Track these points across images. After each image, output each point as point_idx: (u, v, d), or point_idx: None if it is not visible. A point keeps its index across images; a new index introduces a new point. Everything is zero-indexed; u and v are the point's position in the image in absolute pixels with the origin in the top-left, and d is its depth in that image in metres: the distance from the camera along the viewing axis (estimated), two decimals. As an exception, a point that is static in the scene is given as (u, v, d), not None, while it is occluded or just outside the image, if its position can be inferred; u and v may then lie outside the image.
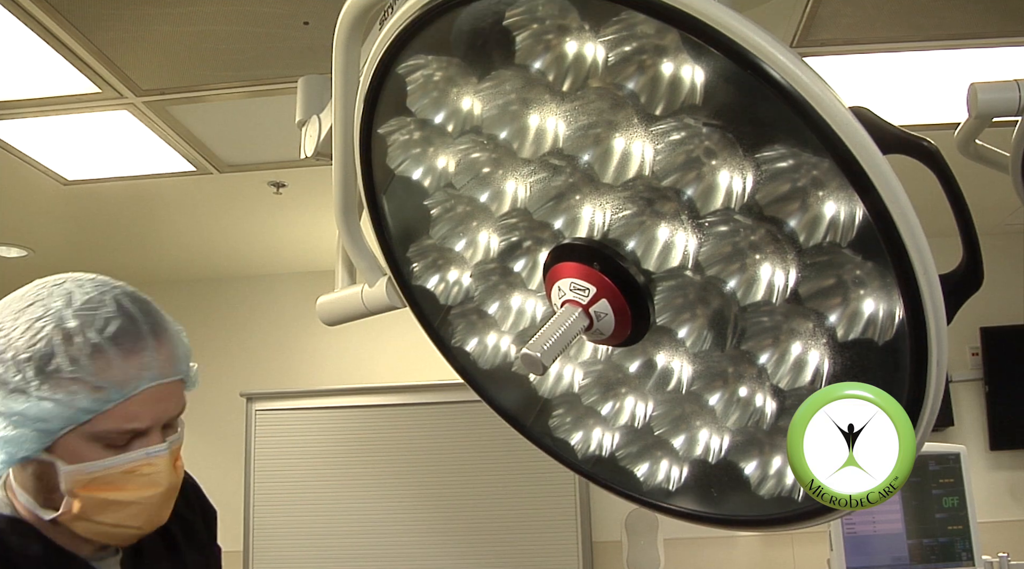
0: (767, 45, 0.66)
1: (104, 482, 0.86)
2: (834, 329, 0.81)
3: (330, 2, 0.93)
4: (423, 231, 1.10)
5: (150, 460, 0.89)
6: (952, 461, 2.53)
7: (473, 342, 1.16)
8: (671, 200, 0.87)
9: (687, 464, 1.04)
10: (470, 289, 1.11)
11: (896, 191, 0.66)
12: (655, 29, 0.75)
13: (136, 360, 0.88)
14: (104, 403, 0.85)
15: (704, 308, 0.92)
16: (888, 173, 0.66)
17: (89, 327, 0.87)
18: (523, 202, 0.98)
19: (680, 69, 0.77)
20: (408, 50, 0.89)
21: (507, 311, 1.11)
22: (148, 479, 0.89)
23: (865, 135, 0.66)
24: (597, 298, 0.90)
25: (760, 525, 0.96)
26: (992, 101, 1.25)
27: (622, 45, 0.79)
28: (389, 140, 1.02)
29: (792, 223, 0.78)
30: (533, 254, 1.05)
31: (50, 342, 0.85)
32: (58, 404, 0.84)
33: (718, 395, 0.97)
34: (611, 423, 1.08)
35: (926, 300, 0.69)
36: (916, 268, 0.68)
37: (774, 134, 0.75)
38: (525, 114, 0.92)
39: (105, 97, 2.51)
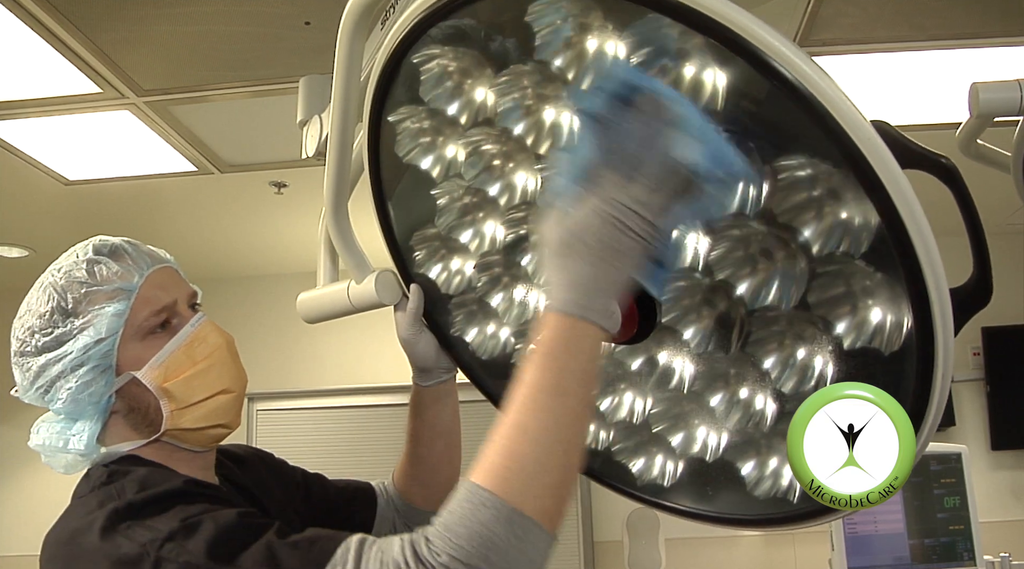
0: (792, 55, 0.66)
1: (176, 365, 0.96)
2: (841, 337, 0.81)
3: (332, 2, 0.93)
4: (428, 220, 1.10)
5: (197, 330, 0.99)
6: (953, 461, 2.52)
7: (473, 332, 1.16)
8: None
9: (683, 461, 1.04)
10: (472, 279, 1.11)
11: (913, 206, 0.67)
12: (679, 32, 0.74)
13: (125, 259, 0.99)
14: (125, 299, 0.95)
15: (711, 310, 0.92)
16: (906, 188, 0.66)
17: (74, 261, 0.98)
18: (533, 196, 0.98)
19: (702, 74, 0.76)
20: (425, 39, 0.89)
21: (510, 303, 1.11)
22: (208, 343, 0.99)
23: (885, 149, 0.66)
24: (604, 297, 0.89)
25: (754, 525, 0.96)
26: (993, 101, 1.25)
27: (644, 46, 0.78)
28: (399, 128, 1.02)
29: (806, 232, 0.78)
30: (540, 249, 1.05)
31: (55, 288, 0.96)
32: (95, 323, 0.94)
33: (719, 396, 0.97)
34: (609, 418, 1.08)
35: (936, 314, 0.70)
36: (928, 283, 0.69)
37: (793, 143, 0.75)
38: (541, 110, 0.92)
39: (106, 97, 2.51)
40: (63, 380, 0.94)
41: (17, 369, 0.97)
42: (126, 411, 0.97)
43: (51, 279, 0.97)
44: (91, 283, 0.95)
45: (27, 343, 0.95)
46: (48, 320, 0.95)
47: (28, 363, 0.95)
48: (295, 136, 1.38)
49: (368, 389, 4.25)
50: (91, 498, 0.89)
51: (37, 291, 0.98)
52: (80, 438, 0.95)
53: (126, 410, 0.97)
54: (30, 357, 0.95)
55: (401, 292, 1.14)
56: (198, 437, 0.99)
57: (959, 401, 4.12)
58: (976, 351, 4.13)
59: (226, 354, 1.01)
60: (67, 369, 0.93)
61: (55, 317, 0.95)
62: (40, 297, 0.96)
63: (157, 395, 0.96)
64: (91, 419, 0.95)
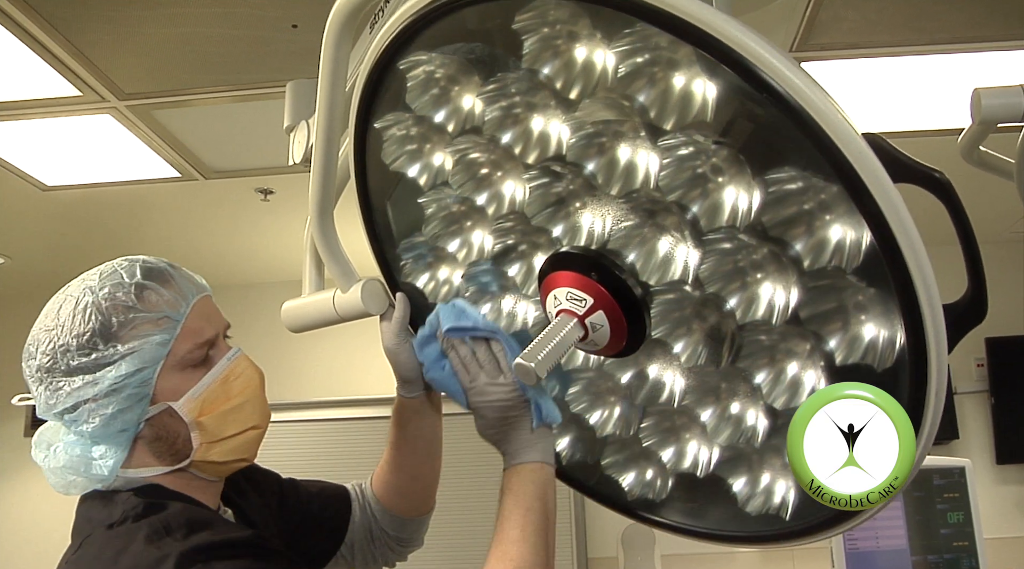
0: (782, 67, 0.67)
1: (212, 399, 0.98)
2: (833, 353, 0.82)
3: (320, 5, 0.93)
4: (415, 228, 1.10)
5: (234, 364, 1.01)
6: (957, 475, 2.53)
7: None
8: (674, 214, 0.87)
9: (674, 477, 1.05)
10: (460, 289, 1.11)
11: (905, 221, 0.67)
12: (668, 42, 0.75)
13: (173, 286, 0.99)
14: (171, 329, 0.96)
15: (701, 324, 0.93)
16: (898, 202, 0.67)
17: (119, 283, 0.97)
18: (521, 206, 0.99)
19: (692, 84, 0.77)
20: (411, 45, 0.89)
21: (498, 314, 1.11)
22: (243, 379, 1.02)
23: (877, 163, 0.67)
24: (593, 309, 0.90)
25: (747, 542, 0.97)
26: (996, 106, 1.26)
27: (634, 56, 0.79)
28: (385, 135, 1.02)
29: (797, 246, 0.79)
30: (528, 259, 1.05)
31: (98, 309, 0.94)
32: (139, 351, 0.94)
33: (710, 411, 0.98)
34: (598, 432, 1.08)
35: (928, 331, 0.71)
36: (921, 300, 0.69)
37: (784, 156, 0.76)
38: (529, 118, 0.92)
39: (86, 100, 2.51)
40: (95, 404, 0.93)
41: (39, 385, 0.96)
42: (151, 438, 0.97)
43: (91, 298, 0.95)
44: (139, 308, 0.95)
45: (58, 361, 0.94)
46: (87, 342, 0.94)
47: (58, 383, 0.94)
48: (282, 142, 1.38)
49: (355, 401, 4.23)
50: (133, 531, 0.89)
51: (71, 307, 0.96)
52: (104, 463, 0.95)
53: (152, 437, 0.97)
54: (60, 376, 0.94)
55: (388, 301, 1.14)
56: (219, 469, 1.01)
57: (963, 413, 4.13)
58: (980, 362, 4.14)
59: (259, 390, 1.04)
60: (101, 394, 0.93)
61: (95, 340, 0.94)
62: (78, 315, 0.95)
63: (190, 427, 0.97)
64: (117, 445, 0.95)
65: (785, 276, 0.82)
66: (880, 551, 2.48)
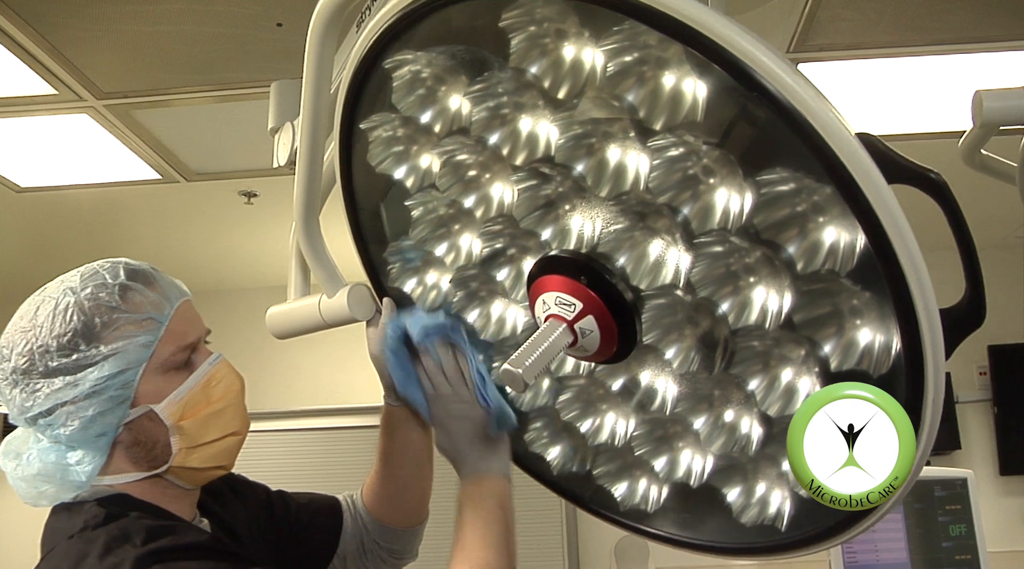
0: (773, 66, 0.67)
1: (194, 403, 0.99)
2: (828, 359, 0.82)
3: (304, 2, 0.93)
4: (402, 232, 1.10)
5: (215, 369, 1.02)
6: (959, 486, 2.53)
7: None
8: (664, 216, 0.87)
9: (667, 486, 1.05)
10: (448, 294, 1.11)
11: (899, 222, 0.67)
12: (657, 40, 0.75)
13: (156, 287, 1.00)
14: (155, 330, 0.97)
15: (693, 329, 0.93)
16: (892, 204, 0.67)
17: (102, 283, 0.97)
18: (509, 208, 0.99)
19: (682, 84, 0.77)
20: (396, 44, 0.89)
21: (487, 319, 1.11)
22: (224, 383, 1.03)
23: (871, 164, 0.67)
24: (583, 314, 0.90)
25: (742, 553, 0.97)
26: (998, 109, 1.26)
27: (623, 55, 0.79)
28: (371, 136, 1.02)
29: (790, 248, 0.79)
30: (517, 263, 1.05)
31: (80, 309, 0.95)
32: (122, 352, 0.94)
33: (703, 418, 0.98)
34: (590, 441, 1.08)
35: (925, 336, 0.71)
36: (917, 304, 0.70)
37: (776, 157, 0.76)
38: (517, 119, 0.93)
39: (63, 99, 2.50)
40: (74, 407, 0.93)
41: (14, 387, 0.95)
42: (130, 443, 0.97)
43: (73, 299, 0.95)
44: (123, 309, 0.96)
45: (36, 363, 0.94)
46: (68, 342, 0.93)
47: (35, 384, 0.94)
48: (266, 143, 1.38)
49: (342, 410, 4.23)
50: (91, 539, 0.89)
51: (51, 308, 0.95)
52: (82, 469, 0.94)
53: (130, 442, 0.97)
54: (38, 378, 0.94)
55: (375, 307, 1.14)
56: (196, 476, 1.01)
57: (965, 423, 4.14)
58: (983, 371, 4.15)
59: (239, 396, 1.05)
60: (81, 395, 0.93)
61: (76, 340, 0.94)
62: (59, 316, 0.94)
63: (170, 431, 0.97)
64: (95, 450, 0.95)
65: (778, 280, 0.82)
66: (880, 564, 2.48)
